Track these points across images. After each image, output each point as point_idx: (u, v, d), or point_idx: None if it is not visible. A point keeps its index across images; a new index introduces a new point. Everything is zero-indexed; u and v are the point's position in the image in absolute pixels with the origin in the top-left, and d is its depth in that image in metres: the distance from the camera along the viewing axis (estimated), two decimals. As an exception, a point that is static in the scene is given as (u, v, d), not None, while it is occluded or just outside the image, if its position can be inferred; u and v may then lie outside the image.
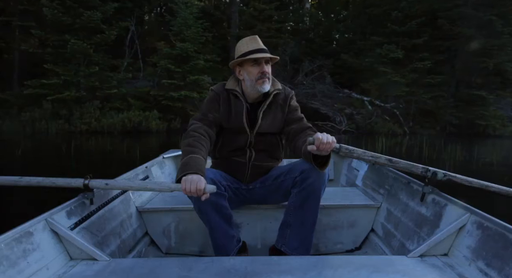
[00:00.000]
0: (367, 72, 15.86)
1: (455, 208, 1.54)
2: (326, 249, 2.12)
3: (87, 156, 8.10)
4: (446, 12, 15.88)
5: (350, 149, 1.73)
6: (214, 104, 1.94)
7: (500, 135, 15.86)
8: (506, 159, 8.40)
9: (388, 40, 15.67)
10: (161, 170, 2.78)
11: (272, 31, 16.52)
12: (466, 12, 15.51)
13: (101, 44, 14.44)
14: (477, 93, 15.37)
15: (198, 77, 13.55)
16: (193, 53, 13.77)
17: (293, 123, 1.95)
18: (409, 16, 15.78)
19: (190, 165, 1.58)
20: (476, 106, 15.56)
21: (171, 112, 13.80)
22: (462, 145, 10.27)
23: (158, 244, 2.09)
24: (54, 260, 1.36)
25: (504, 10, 15.56)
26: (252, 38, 1.92)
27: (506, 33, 15.58)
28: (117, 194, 1.89)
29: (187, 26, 14.17)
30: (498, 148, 11.83)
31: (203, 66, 14.00)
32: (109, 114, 13.31)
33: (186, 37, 14.00)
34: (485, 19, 15.19)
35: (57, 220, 1.42)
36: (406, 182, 1.96)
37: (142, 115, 13.27)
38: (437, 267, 1.39)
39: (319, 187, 1.76)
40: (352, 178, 2.74)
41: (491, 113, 15.76)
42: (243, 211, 2.08)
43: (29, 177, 1.57)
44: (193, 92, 13.56)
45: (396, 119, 15.46)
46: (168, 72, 13.87)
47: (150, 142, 11.29)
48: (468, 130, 15.64)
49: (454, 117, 15.65)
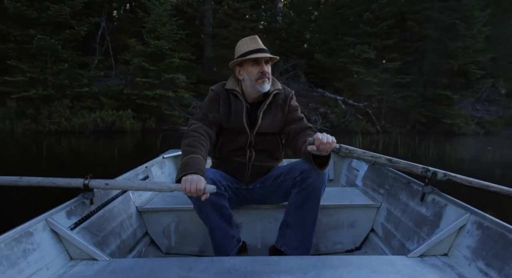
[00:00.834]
0: (340, 72, 16.18)
1: (455, 208, 1.55)
2: (326, 249, 2.13)
3: (61, 157, 7.79)
4: (414, 14, 16.52)
5: (350, 149, 1.74)
6: (214, 104, 1.94)
7: (464, 133, 16.72)
8: (476, 156, 8.83)
9: (360, 40, 16.06)
10: (161, 170, 2.78)
11: (247, 30, 16.46)
12: (432, 15, 16.21)
13: (70, 40, 13.81)
14: (443, 93, 16.10)
15: (173, 76, 13.29)
16: (168, 51, 13.49)
17: (293, 123, 1.95)
18: (380, 17, 16.24)
19: (190, 165, 1.58)
20: (443, 106, 16.29)
21: (146, 111, 13.45)
22: (434, 142, 10.71)
23: (158, 244, 2.09)
24: (54, 260, 1.36)
25: (466, 15, 16.39)
26: (252, 38, 1.94)
27: (469, 36, 16.43)
28: (117, 194, 1.89)
29: (161, 23, 13.86)
30: (466, 145, 12.46)
31: (178, 64, 13.74)
32: (80, 114, 12.79)
33: (160, 35, 13.69)
34: (450, 22, 15.94)
35: (57, 220, 1.42)
36: (406, 182, 1.98)
37: (115, 115, 12.84)
38: (437, 267, 1.39)
39: (319, 187, 1.77)
40: (352, 178, 2.76)
41: (456, 112, 16.57)
42: (243, 211, 2.08)
43: (29, 177, 1.55)
44: (168, 91, 13.29)
45: (368, 118, 15.90)
46: (142, 70, 13.50)
47: (125, 142, 10.98)
48: (436, 128, 16.36)
49: (422, 116, 16.31)
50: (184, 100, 14.38)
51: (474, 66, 16.49)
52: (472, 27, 16.34)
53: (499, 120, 19.41)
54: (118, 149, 8.17)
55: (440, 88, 16.26)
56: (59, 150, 9.06)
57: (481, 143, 13.60)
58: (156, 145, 9.49)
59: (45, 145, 8.54)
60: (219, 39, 16.80)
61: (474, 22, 16.46)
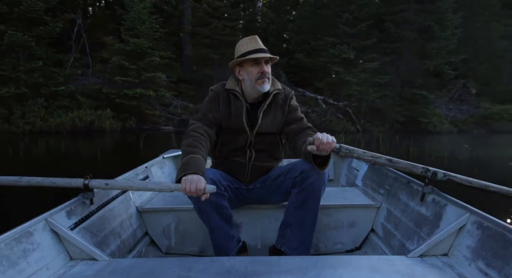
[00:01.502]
0: (320, 72, 16.40)
1: (455, 208, 1.55)
2: (326, 249, 2.13)
3: (39, 158, 7.51)
4: (391, 16, 16.95)
5: (350, 149, 1.74)
6: (214, 104, 1.93)
7: (439, 131, 17.32)
8: (454, 154, 9.13)
9: (340, 41, 16.32)
10: (161, 170, 2.77)
11: (227, 29, 16.39)
12: (409, 17, 16.69)
13: (44, 37, 13.33)
14: (419, 93, 16.63)
15: (154, 75, 13.05)
16: (148, 49, 13.25)
17: (293, 123, 1.95)
18: (358, 18, 16.57)
19: (190, 165, 1.57)
20: (419, 105, 16.83)
21: (126, 111, 13.17)
22: (413, 141, 11.00)
23: (158, 244, 2.08)
24: (54, 260, 1.36)
25: (440, 17, 16.99)
26: (252, 38, 1.92)
27: (443, 38, 17.03)
28: (117, 194, 1.89)
29: (140, 21, 13.58)
30: (443, 143, 12.88)
31: (158, 63, 13.50)
32: (57, 113, 12.36)
33: (140, 33, 13.42)
34: (425, 24, 16.46)
35: (57, 220, 1.42)
36: (406, 182, 1.98)
37: (94, 115, 12.50)
38: (437, 267, 1.39)
39: (319, 187, 1.78)
40: (352, 178, 2.77)
41: (431, 111, 17.15)
42: (243, 211, 2.08)
43: (29, 177, 1.54)
44: (149, 90, 13.05)
45: (348, 117, 16.19)
46: (121, 69, 13.19)
47: (105, 142, 10.69)
48: (412, 127, 16.86)
49: (400, 115, 16.77)
50: (165, 100, 14.16)
51: (448, 67, 17.12)
52: (446, 29, 16.94)
53: (471, 119, 20.23)
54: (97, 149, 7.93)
55: (416, 88, 16.78)
56: (37, 150, 8.74)
57: (456, 141, 14.11)
58: (138, 145, 9.28)
59: (21, 146, 8.16)
60: (199, 38, 16.64)
61: (447, 24, 17.07)
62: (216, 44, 16.42)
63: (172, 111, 14.41)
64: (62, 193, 1.60)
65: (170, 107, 14.58)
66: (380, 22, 17.07)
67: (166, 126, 14.01)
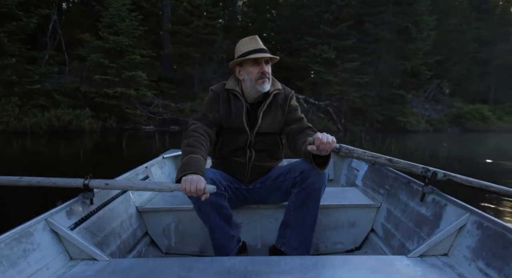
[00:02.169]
0: (301, 71, 16.52)
1: (455, 208, 1.55)
2: (326, 249, 2.13)
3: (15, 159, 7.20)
4: (370, 17, 17.28)
5: (350, 149, 1.74)
6: (214, 104, 1.93)
7: (416, 130, 17.83)
8: (434, 152, 9.43)
9: (320, 41, 16.50)
10: (161, 170, 2.77)
11: (209, 28, 16.25)
12: (387, 18, 17.08)
13: (17, 33, 12.77)
14: (397, 93, 17.05)
15: (135, 73, 12.76)
16: (128, 47, 12.94)
17: (293, 123, 1.96)
18: (339, 19, 16.80)
19: (190, 165, 1.58)
20: (397, 105, 17.26)
21: (105, 110, 12.82)
22: (395, 139, 11.26)
23: (158, 244, 2.08)
24: (54, 260, 1.36)
25: (417, 19, 17.49)
26: (252, 38, 1.93)
27: (419, 39, 17.54)
28: (117, 194, 1.89)
29: (120, 18, 13.24)
30: (423, 142, 13.26)
31: (139, 61, 13.21)
32: (32, 113, 11.86)
33: (119, 30, 13.08)
34: (403, 25, 16.89)
35: (57, 220, 1.42)
36: (406, 182, 1.98)
37: (72, 114, 12.09)
38: (437, 267, 1.39)
39: (319, 187, 1.78)
40: (352, 178, 2.77)
41: (409, 111, 17.63)
42: (243, 211, 2.07)
43: (29, 177, 1.54)
44: (129, 89, 12.75)
45: (330, 117, 16.40)
46: (100, 67, 12.83)
47: (85, 142, 10.37)
48: (391, 126, 17.28)
49: (379, 114, 17.14)
50: (145, 99, 13.88)
51: (424, 68, 17.63)
52: (422, 31, 17.45)
53: (445, 118, 20.97)
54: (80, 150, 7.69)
55: (394, 88, 17.19)
56: (12, 151, 8.36)
57: (434, 140, 14.57)
58: (121, 145, 9.07)
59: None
60: (180, 36, 16.41)
61: (423, 26, 17.58)
62: (197, 43, 16.26)
63: (153, 110, 14.15)
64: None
65: (151, 106, 14.31)
66: (360, 22, 17.38)
67: (147, 126, 13.76)
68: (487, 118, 22.59)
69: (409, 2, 17.06)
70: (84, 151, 7.68)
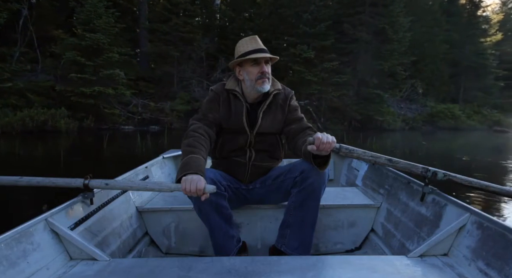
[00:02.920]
0: (281, 71, 16.58)
1: (455, 208, 1.56)
2: (326, 249, 2.14)
3: None
4: (348, 17, 17.58)
5: (350, 149, 1.75)
6: (214, 105, 1.93)
7: (393, 129, 18.30)
8: (414, 150, 9.70)
9: (300, 40, 16.62)
10: (161, 170, 2.77)
11: (188, 26, 16.03)
12: (365, 19, 17.42)
13: (-15, 29, 12.14)
14: (375, 92, 17.43)
15: (113, 72, 12.40)
16: (105, 45, 12.55)
17: (293, 123, 1.96)
18: (318, 19, 16.98)
19: (190, 165, 1.58)
20: (374, 104, 17.65)
21: (82, 110, 12.39)
22: (376, 138, 11.50)
23: (158, 244, 2.09)
24: (54, 260, 1.36)
25: (393, 20, 17.96)
26: (252, 38, 1.93)
27: (395, 40, 18.01)
28: (117, 194, 1.89)
29: (96, 15, 12.83)
30: (399, 139, 13.61)
31: (118, 59, 12.84)
32: (3, 112, 11.30)
33: (96, 27, 12.68)
34: (380, 26, 17.28)
35: (57, 220, 1.42)
36: (406, 182, 1.99)
37: (47, 114, 11.61)
38: (437, 267, 1.39)
39: (319, 187, 1.78)
40: (352, 178, 2.78)
41: (386, 110, 18.07)
42: (243, 211, 2.08)
43: (29, 177, 1.55)
44: (108, 88, 12.37)
45: (310, 116, 16.54)
46: (76, 65, 12.38)
47: (61, 143, 9.99)
48: (369, 125, 17.65)
49: (357, 113, 17.46)
50: (124, 98, 13.53)
51: (400, 68, 18.11)
52: (398, 32, 17.91)
53: (419, 117, 21.65)
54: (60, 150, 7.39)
55: (372, 87, 17.55)
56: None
57: (411, 138, 15.00)
58: (99, 145, 8.82)
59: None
60: (159, 34, 16.10)
61: (399, 28, 18.06)
62: (176, 41, 16.01)
63: (132, 110, 13.82)
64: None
65: (130, 106, 13.97)
66: (338, 23, 17.64)
67: (126, 126, 13.41)
68: (457, 117, 23.52)
69: (385, 3, 17.49)
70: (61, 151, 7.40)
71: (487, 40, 31.11)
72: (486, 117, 26.42)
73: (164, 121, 14.33)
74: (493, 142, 15.20)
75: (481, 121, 25.44)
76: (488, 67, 29.85)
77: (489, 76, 30.23)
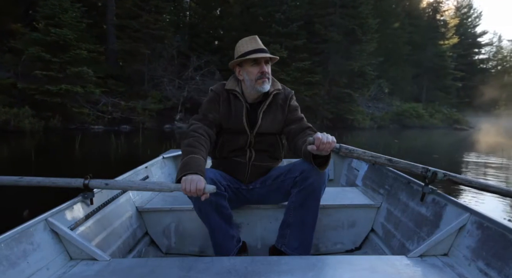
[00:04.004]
0: (254, 70, 16.53)
1: (455, 208, 1.55)
2: (326, 249, 2.14)
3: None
4: (319, 18, 17.87)
5: (350, 149, 1.75)
6: (214, 105, 1.92)
7: (363, 127, 18.82)
8: (387, 147, 10.00)
9: (273, 40, 16.69)
10: (161, 170, 2.76)
11: (159, 23, 15.63)
12: (335, 20, 17.78)
13: None
14: (345, 92, 17.85)
15: (81, 69, 11.84)
16: (72, 41, 11.96)
17: (293, 123, 1.96)
18: (290, 19, 17.12)
19: (190, 165, 1.58)
20: (345, 103, 18.07)
21: (48, 109, 11.73)
22: (349, 136, 11.76)
23: (158, 244, 2.09)
24: (54, 260, 1.36)
25: (362, 22, 18.47)
26: (252, 38, 1.93)
27: (364, 41, 18.52)
28: (117, 194, 1.89)
29: (62, 9, 12.19)
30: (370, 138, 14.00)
31: (86, 56, 12.28)
32: (-42, 111, 10.48)
33: (62, 22, 12.05)
34: (350, 27, 17.71)
35: (57, 220, 1.42)
36: (406, 182, 1.99)
37: (9, 113, 10.90)
38: (437, 267, 1.39)
39: (319, 187, 1.78)
40: (352, 178, 2.78)
41: (356, 109, 18.55)
42: (243, 211, 2.07)
43: (29, 177, 1.55)
44: (76, 87, 11.80)
45: (283, 115, 16.62)
46: (41, 61, 11.70)
47: (26, 143, 9.43)
48: (340, 123, 18.04)
49: (329, 112, 17.80)
50: (93, 97, 12.97)
51: (369, 68, 18.65)
52: (366, 33, 18.43)
53: (387, 116, 22.44)
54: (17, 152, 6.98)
55: (342, 87, 17.95)
56: None
57: (380, 136, 15.47)
58: (70, 146, 8.41)
59: None
60: (129, 31, 15.57)
61: (367, 29, 18.60)
62: (146, 39, 15.57)
63: (102, 109, 13.26)
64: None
65: (99, 105, 13.41)
66: (310, 23, 17.88)
67: (96, 125, 12.86)
68: (421, 116, 24.63)
69: (355, 5, 17.95)
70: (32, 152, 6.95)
71: (445, 43, 32.86)
72: (447, 116, 27.87)
73: (136, 120, 13.90)
74: (455, 139, 16.03)
75: (442, 120, 26.80)
76: (447, 68, 31.57)
77: (448, 77, 31.97)
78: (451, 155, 9.62)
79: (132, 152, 7.99)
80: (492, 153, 10.11)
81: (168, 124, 15.21)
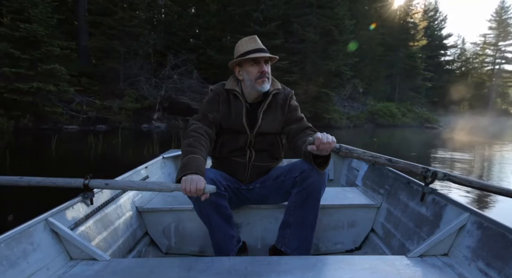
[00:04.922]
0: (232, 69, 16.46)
1: (455, 208, 1.56)
2: (326, 249, 2.14)
3: None
4: (297, 18, 18.01)
5: (350, 149, 1.75)
6: (214, 105, 1.91)
7: (339, 127, 19.13)
8: (367, 146, 10.22)
9: (251, 39, 16.63)
10: (161, 170, 2.75)
11: (135, 21, 15.25)
12: (312, 20, 17.98)
13: None
14: (323, 91, 18.07)
15: (53, 67, 11.36)
16: (44, 37, 11.45)
17: (293, 123, 1.97)
18: (268, 18, 17.14)
19: (190, 165, 1.58)
20: (323, 102, 18.29)
21: (18, 108, 11.19)
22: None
23: (158, 244, 2.09)
24: (54, 260, 1.36)
25: (339, 22, 18.78)
26: (251, 38, 1.93)
27: (341, 42, 18.84)
28: (117, 194, 1.89)
29: (32, 3, 11.66)
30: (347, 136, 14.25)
31: (59, 53, 11.80)
32: None
33: (32, 17, 11.52)
34: (327, 28, 17.95)
35: (57, 220, 1.42)
36: (406, 182, 1.99)
37: (-24, 112, 10.28)
38: (437, 267, 1.39)
39: (319, 187, 1.79)
40: (352, 178, 2.78)
41: (333, 108, 18.82)
42: (243, 211, 2.07)
43: (29, 177, 1.55)
44: (48, 85, 11.31)
45: (261, 114, 16.65)
46: (9, 58, 11.14)
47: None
48: (317, 122, 18.25)
49: (307, 111, 17.95)
50: (66, 96, 12.47)
51: (346, 68, 18.98)
52: (343, 34, 18.75)
53: (362, 115, 22.92)
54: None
55: (319, 86, 18.17)
56: None
57: (357, 134, 15.79)
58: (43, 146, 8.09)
59: None
60: (103, 28, 15.10)
61: (343, 30, 18.92)
62: (121, 36, 15.15)
63: (76, 108, 12.78)
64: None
65: (73, 104, 12.91)
66: (287, 23, 17.99)
67: (70, 125, 12.38)
68: (394, 115, 25.34)
69: (331, 6, 18.23)
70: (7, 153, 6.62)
71: (415, 44, 34.06)
72: (418, 115, 28.83)
73: (112, 120, 13.49)
74: (427, 137, 16.59)
75: (414, 119, 27.69)
76: (418, 69, 32.73)
77: (418, 77, 33.13)
78: (427, 152, 9.95)
79: (112, 152, 7.76)
80: (461, 150, 10.59)
81: (146, 124, 14.88)
